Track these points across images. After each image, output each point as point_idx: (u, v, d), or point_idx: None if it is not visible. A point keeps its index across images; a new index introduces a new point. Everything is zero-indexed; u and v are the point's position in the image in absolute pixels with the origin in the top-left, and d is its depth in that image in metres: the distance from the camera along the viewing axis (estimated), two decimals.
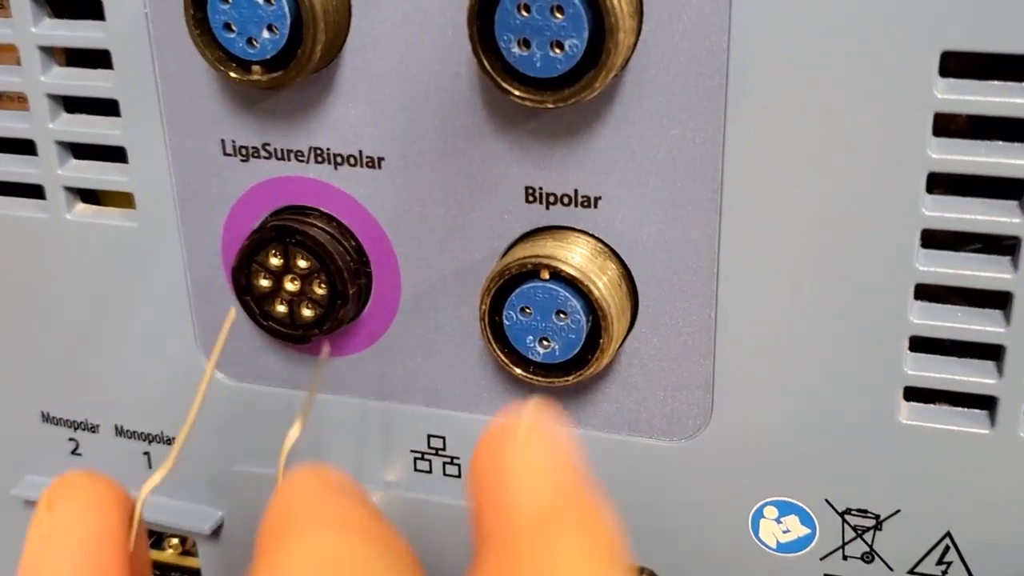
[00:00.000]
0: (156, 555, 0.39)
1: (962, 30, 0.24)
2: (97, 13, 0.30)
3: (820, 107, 0.26)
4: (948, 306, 0.27)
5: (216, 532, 0.36)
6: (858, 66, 0.25)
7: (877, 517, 0.29)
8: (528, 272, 0.28)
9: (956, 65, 0.25)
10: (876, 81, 0.25)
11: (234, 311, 0.30)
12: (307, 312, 0.31)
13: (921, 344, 0.28)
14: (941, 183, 0.26)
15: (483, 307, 0.29)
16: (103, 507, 0.27)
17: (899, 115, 0.25)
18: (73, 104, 0.32)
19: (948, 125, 0.26)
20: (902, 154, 0.26)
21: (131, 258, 0.33)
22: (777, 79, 0.26)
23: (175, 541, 0.39)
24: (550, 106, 0.26)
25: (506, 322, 0.29)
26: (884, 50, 0.25)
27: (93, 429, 0.37)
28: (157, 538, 0.39)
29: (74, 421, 0.37)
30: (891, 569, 0.30)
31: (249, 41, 0.27)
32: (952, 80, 0.25)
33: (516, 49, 0.25)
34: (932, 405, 0.28)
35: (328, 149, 0.30)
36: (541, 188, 0.29)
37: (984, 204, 0.26)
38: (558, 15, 0.25)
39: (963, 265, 0.26)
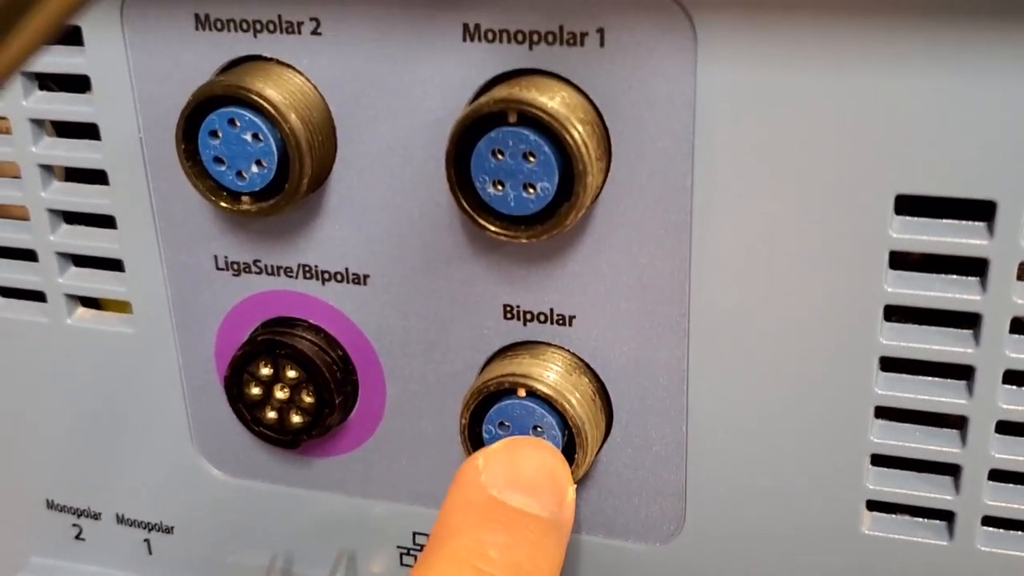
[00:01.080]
0: None
1: (916, 176, 0.25)
2: (94, 134, 0.32)
3: (780, 245, 0.27)
4: (908, 425, 0.29)
5: None
6: (817, 208, 0.26)
7: None
8: (505, 390, 0.29)
9: (909, 205, 0.26)
10: (835, 223, 0.26)
11: None
12: (296, 418, 0.32)
13: (882, 460, 0.29)
14: (898, 311, 0.27)
15: (463, 421, 0.30)
16: None
17: (857, 251, 0.26)
18: (74, 215, 0.34)
19: (904, 258, 0.27)
20: (860, 286, 0.27)
21: (129, 361, 0.34)
22: (739, 215, 0.27)
23: None
24: (524, 241, 0.27)
25: (485, 435, 0.30)
26: (843, 195, 0.26)
27: (96, 516, 0.38)
28: None
29: (77, 508, 0.38)
30: None
31: (239, 174, 0.29)
32: (907, 219, 0.26)
33: (491, 189, 0.27)
34: (894, 515, 0.30)
35: (316, 266, 0.31)
36: (519, 306, 0.30)
37: (941, 333, 0.27)
38: (530, 160, 0.26)
39: (917, 390, 0.28)
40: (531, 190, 0.26)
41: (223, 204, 0.29)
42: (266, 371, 0.32)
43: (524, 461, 0.28)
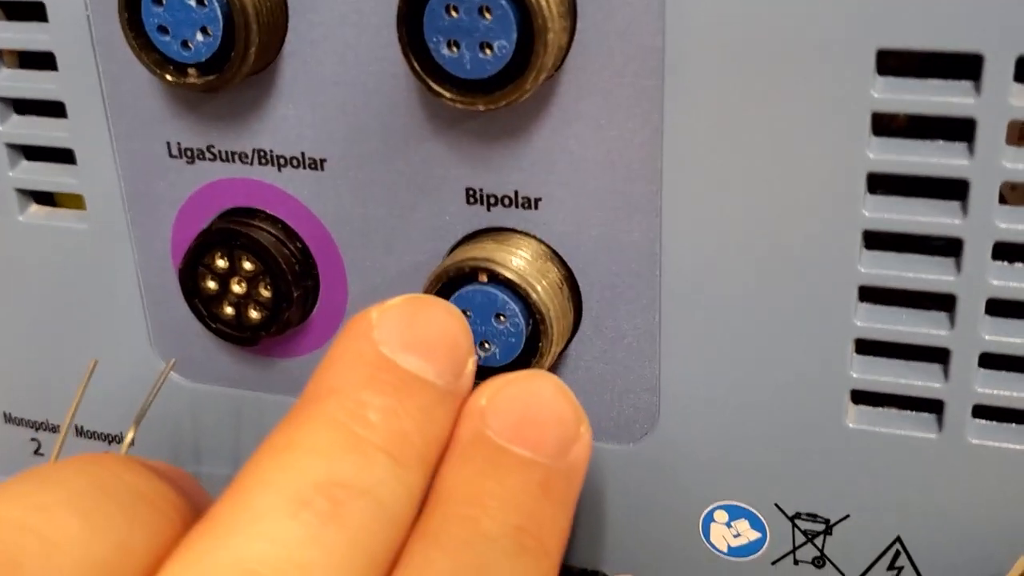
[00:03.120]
0: None
1: (898, 28, 0.24)
2: (41, 15, 0.30)
3: (758, 106, 0.25)
4: (893, 308, 0.27)
5: None
6: (795, 65, 0.25)
7: (827, 522, 0.29)
8: (466, 275, 0.28)
9: (894, 63, 0.24)
10: (814, 80, 0.25)
11: (95, 362, 0.31)
12: (254, 314, 0.31)
13: (867, 347, 0.27)
14: (882, 184, 0.26)
15: None
16: None
17: (838, 114, 0.25)
18: (26, 106, 0.32)
19: (888, 124, 0.25)
20: (842, 154, 0.25)
21: (84, 260, 0.33)
22: (713, 78, 0.25)
23: None
24: (481, 108, 0.25)
25: None
26: (821, 49, 0.24)
27: (54, 429, 0.37)
28: None
29: (35, 422, 0.37)
30: (842, 574, 0.30)
31: (184, 44, 0.27)
32: (890, 79, 0.24)
33: (445, 51, 0.25)
34: (880, 408, 0.28)
35: (271, 151, 0.30)
36: (481, 189, 0.28)
37: (926, 205, 0.25)
38: (486, 15, 0.24)
39: (906, 267, 0.26)
40: (488, 50, 0.25)
41: (169, 78, 0.28)
42: (222, 263, 0.30)
43: (424, 321, 0.23)
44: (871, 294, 0.27)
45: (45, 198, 0.34)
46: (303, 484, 0.19)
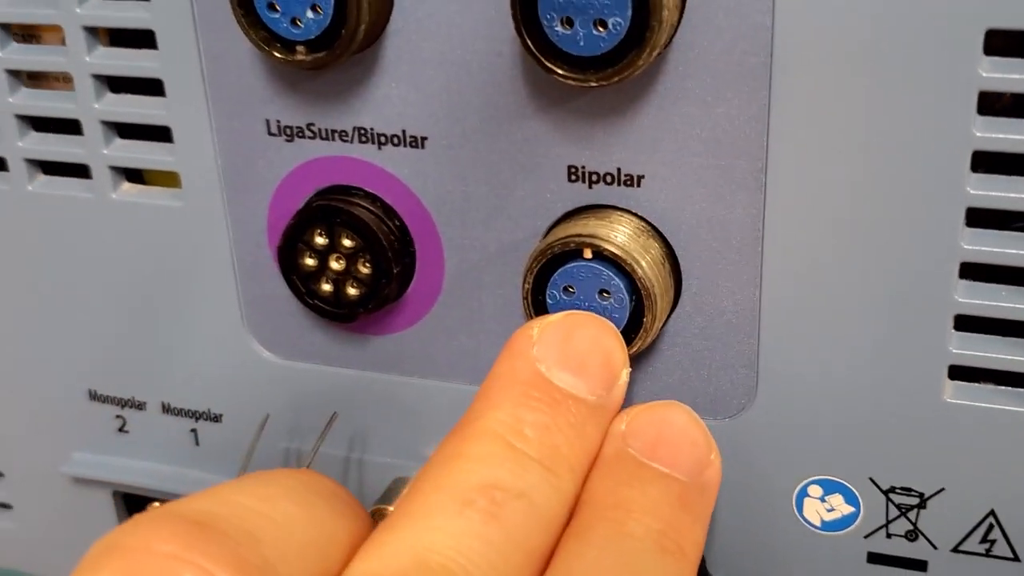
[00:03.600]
0: None
1: (1007, 8, 0.24)
2: None
3: (865, 84, 0.25)
4: (993, 284, 0.27)
5: None
6: (903, 43, 0.25)
7: (921, 495, 0.29)
8: (571, 251, 0.28)
9: (1001, 43, 0.25)
10: (921, 59, 0.25)
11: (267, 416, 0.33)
12: (352, 291, 0.31)
13: (966, 323, 0.27)
14: (986, 162, 0.26)
15: (526, 286, 0.29)
16: None
17: (944, 93, 0.25)
18: (118, 84, 0.33)
19: (993, 104, 0.26)
20: (947, 132, 0.25)
21: (177, 237, 0.33)
22: (821, 56, 0.25)
23: None
24: (593, 85, 0.26)
25: (549, 301, 0.29)
26: (929, 28, 0.24)
27: (140, 406, 0.37)
28: None
29: (121, 399, 0.37)
30: (935, 547, 0.30)
31: (293, 21, 0.27)
32: (997, 58, 0.25)
33: (559, 28, 0.25)
34: (977, 384, 0.28)
35: (372, 129, 0.30)
36: (584, 167, 0.29)
37: None
38: None
39: (1008, 244, 0.26)
40: (602, 27, 0.25)
41: (277, 55, 0.28)
42: (321, 240, 0.31)
43: (580, 337, 0.26)
44: (971, 270, 0.27)
45: (134, 177, 0.34)
46: (467, 487, 0.22)
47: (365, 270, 0.31)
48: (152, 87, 0.32)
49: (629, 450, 0.25)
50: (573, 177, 0.29)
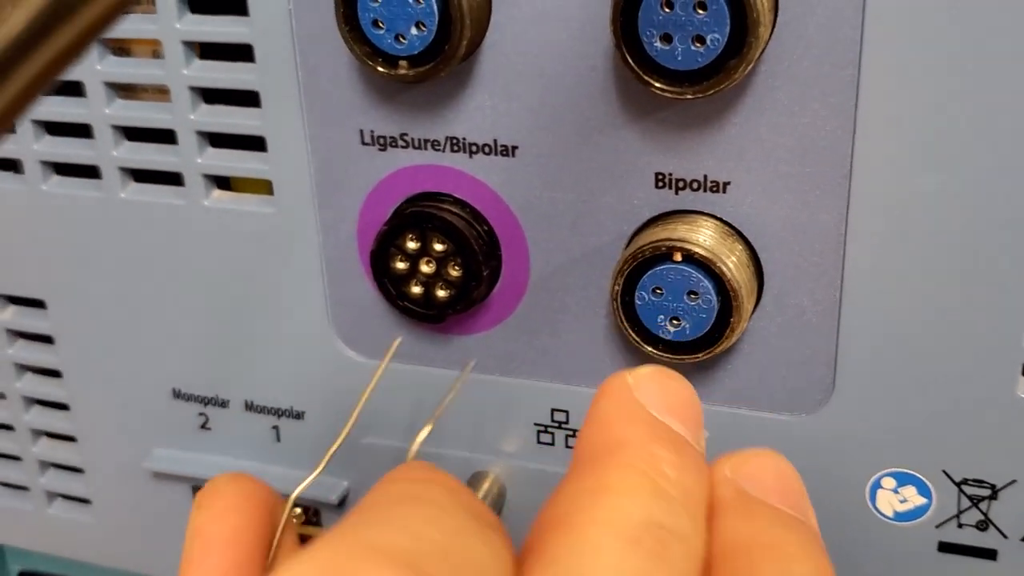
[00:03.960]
0: None
1: None
2: (240, 9, 0.32)
3: (951, 96, 0.27)
4: None
5: (342, 502, 0.38)
6: (990, 57, 0.26)
7: (993, 487, 0.31)
8: (661, 255, 0.29)
9: None
10: (1009, 71, 0.26)
11: (399, 340, 0.33)
12: (441, 293, 0.32)
13: None
14: None
15: (616, 287, 0.30)
16: (244, 506, 0.29)
17: None
18: (211, 95, 0.34)
19: None
20: None
21: (267, 242, 0.35)
22: (909, 69, 0.27)
23: (298, 511, 0.40)
24: (689, 97, 0.27)
25: (638, 302, 0.30)
26: (1018, 38, 0.26)
27: (223, 404, 0.38)
28: None
29: (204, 397, 0.38)
30: (1005, 537, 0.31)
31: (397, 37, 0.29)
32: None
33: (658, 44, 0.27)
34: None
35: (464, 138, 0.31)
36: (671, 174, 0.30)
37: None
38: (700, 11, 0.26)
39: None
40: (699, 43, 0.26)
41: (380, 69, 0.29)
42: (412, 245, 0.32)
43: (673, 389, 0.25)
44: None
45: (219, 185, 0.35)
46: (631, 523, 0.21)
47: (455, 273, 0.32)
48: (237, 97, 0.33)
49: (755, 495, 0.24)
50: (660, 184, 0.30)
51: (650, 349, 0.30)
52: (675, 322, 0.30)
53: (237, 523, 0.29)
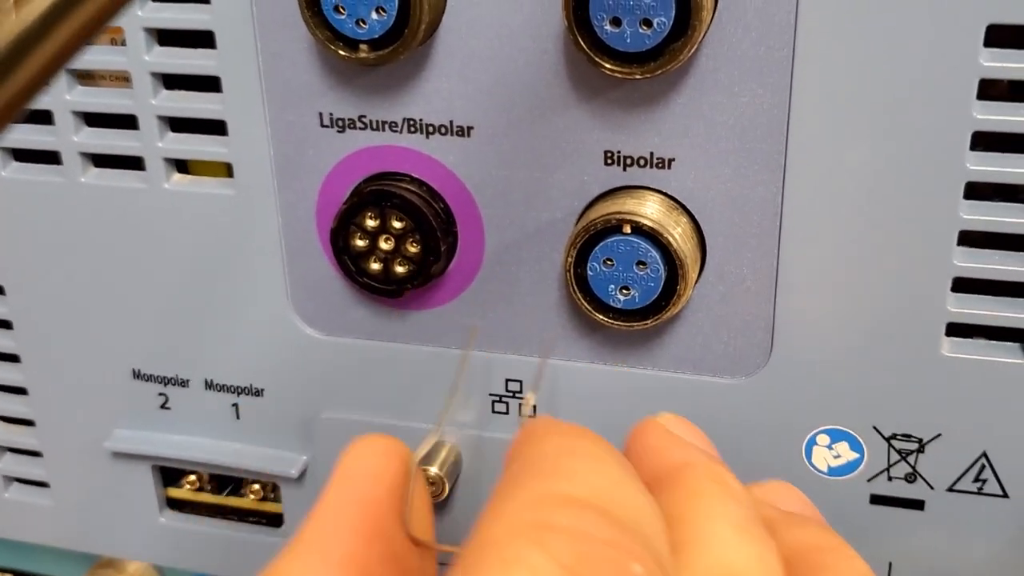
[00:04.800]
0: (236, 501, 0.42)
1: (1007, 3, 0.27)
2: None
3: (878, 74, 0.29)
4: (987, 250, 0.31)
5: (301, 476, 0.39)
6: (915, 38, 0.28)
7: (920, 441, 0.33)
8: (612, 227, 0.31)
9: (1000, 36, 0.28)
10: (925, 52, 0.28)
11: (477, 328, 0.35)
12: (400, 269, 0.34)
13: (963, 284, 0.31)
14: (984, 141, 0.29)
15: (568, 259, 0.32)
16: (392, 450, 0.27)
17: (945, 82, 0.28)
18: (172, 81, 0.35)
19: (989, 90, 0.29)
20: (948, 118, 0.29)
21: (226, 223, 0.36)
22: (840, 50, 0.29)
23: (256, 487, 0.41)
24: (638, 77, 0.29)
25: (589, 273, 0.32)
26: (934, 24, 0.28)
27: (183, 384, 0.39)
28: (236, 484, 0.42)
29: (164, 377, 0.39)
30: (932, 487, 0.34)
31: (358, 22, 0.30)
32: (996, 50, 0.28)
33: (608, 27, 0.28)
34: (971, 339, 0.32)
35: (421, 120, 0.33)
36: (619, 151, 0.32)
37: (1022, 159, 0.29)
38: None
39: (1002, 214, 0.30)
40: (646, 26, 0.28)
41: (341, 53, 0.31)
42: (372, 223, 0.33)
43: (694, 429, 0.28)
44: (969, 238, 0.31)
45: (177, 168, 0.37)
46: (736, 517, 0.23)
47: (413, 249, 0.33)
48: (196, 82, 0.34)
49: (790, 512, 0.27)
50: (609, 161, 0.32)
51: (601, 317, 0.32)
52: (625, 291, 0.32)
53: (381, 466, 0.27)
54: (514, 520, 0.19)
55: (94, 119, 0.36)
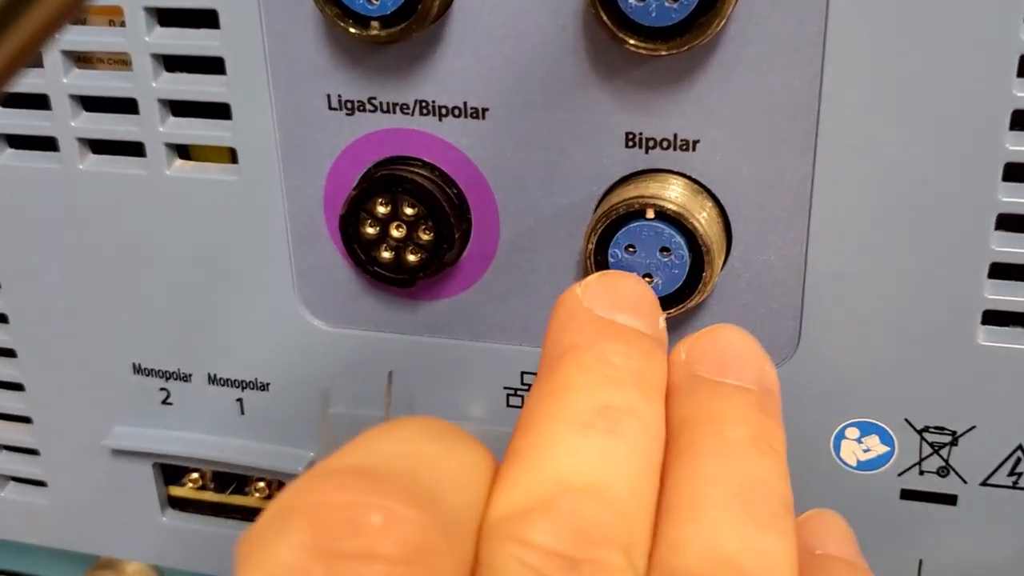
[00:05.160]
0: (240, 500, 0.41)
1: None
2: None
3: (915, 49, 0.28)
4: None
5: None
6: (953, 11, 0.27)
7: (953, 433, 0.32)
8: (634, 212, 0.30)
9: None
10: (965, 26, 0.27)
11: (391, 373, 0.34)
12: (412, 257, 0.32)
13: (1000, 271, 0.30)
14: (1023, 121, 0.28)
15: (589, 246, 0.30)
16: None
17: (985, 61, 0.27)
18: (173, 62, 0.34)
19: None
20: (987, 99, 0.28)
21: (230, 211, 0.34)
22: (875, 23, 0.28)
23: (261, 485, 0.40)
24: (663, 54, 0.28)
25: (611, 260, 0.30)
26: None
27: (185, 378, 0.38)
28: (241, 483, 0.41)
29: (166, 371, 0.38)
30: (965, 481, 0.32)
31: None
32: None
33: (633, 0, 0.27)
34: (1008, 328, 0.31)
35: (433, 101, 0.31)
36: (641, 133, 0.30)
37: None
38: None
39: None
40: (672, 0, 0.27)
41: (352, 30, 0.29)
42: (383, 209, 0.32)
43: (620, 287, 0.27)
44: (1006, 222, 0.29)
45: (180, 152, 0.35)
46: (581, 411, 0.23)
47: (426, 237, 0.32)
48: (198, 63, 0.33)
49: (699, 374, 0.26)
50: (630, 143, 0.31)
51: None
52: (648, 279, 0.30)
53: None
54: (287, 498, 0.21)
55: (92, 103, 0.35)
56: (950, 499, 0.33)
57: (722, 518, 0.23)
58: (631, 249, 0.30)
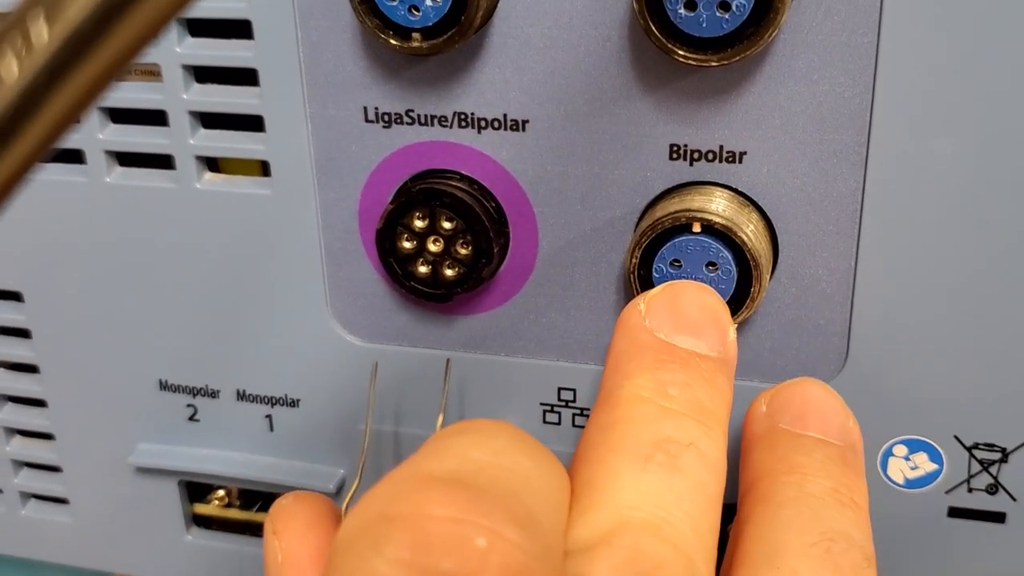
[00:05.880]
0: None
1: None
2: None
3: (969, 61, 0.27)
4: None
5: (339, 491, 0.37)
6: (1005, 22, 0.26)
7: (1004, 450, 0.31)
8: (680, 226, 0.29)
9: None
10: (1020, 36, 0.26)
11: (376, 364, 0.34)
12: (449, 272, 0.32)
13: None
14: None
15: (633, 261, 0.30)
16: (321, 523, 0.28)
17: None
18: (204, 74, 0.33)
19: None
20: None
21: (262, 225, 0.34)
22: (928, 34, 0.27)
23: None
24: (714, 64, 0.27)
25: (655, 275, 0.30)
26: None
27: (213, 395, 0.37)
28: (267, 500, 0.40)
29: (193, 387, 0.37)
30: (1014, 499, 0.32)
31: (411, 9, 0.28)
32: None
33: (683, 11, 0.26)
34: None
35: (472, 114, 0.31)
36: (686, 145, 0.30)
37: None
38: None
39: None
40: (724, 10, 0.26)
41: (393, 42, 0.29)
42: (420, 223, 0.31)
43: (686, 303, 0.27)
44: None
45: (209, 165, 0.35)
46: (640, 444, 0.23)
47: (464, 251, 0.31)
48: (230, 75, 0.32)
49: (781, 425, 0.26)
50: (675, 155, 0.30)
51: None
52: None
53: (319, 542, 0.28)
54: (382, 498, 0.20)
55: (120, 115, 0.34)
56: (999, 517, 0.32)
57: (802, 567, 0.22)
58: (677, 264, 0.29)
